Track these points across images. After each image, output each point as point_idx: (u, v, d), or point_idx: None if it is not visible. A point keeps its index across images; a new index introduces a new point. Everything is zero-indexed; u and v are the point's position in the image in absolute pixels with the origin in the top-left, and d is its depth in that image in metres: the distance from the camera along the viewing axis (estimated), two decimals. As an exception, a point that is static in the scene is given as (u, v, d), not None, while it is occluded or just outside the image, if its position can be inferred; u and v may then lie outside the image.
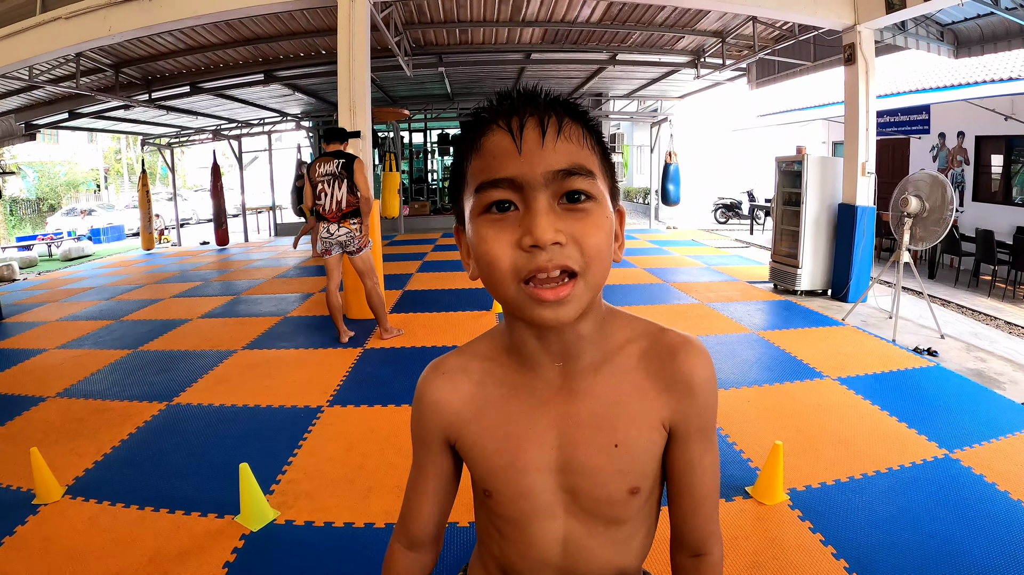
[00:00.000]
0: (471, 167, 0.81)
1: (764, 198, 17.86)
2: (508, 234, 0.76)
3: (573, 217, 0.76)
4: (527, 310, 0.78)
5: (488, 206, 0.78)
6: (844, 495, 3.09)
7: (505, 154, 0.77)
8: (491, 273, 0.78)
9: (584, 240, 0.76)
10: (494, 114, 0.80)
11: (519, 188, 0.76)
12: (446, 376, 0.95)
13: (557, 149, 0.76)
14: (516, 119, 0.78)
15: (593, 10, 9.25)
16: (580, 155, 0.78)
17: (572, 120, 0.80)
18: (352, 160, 5.68)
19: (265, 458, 3.55)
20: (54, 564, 2.70)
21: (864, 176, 7.61)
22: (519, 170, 0.75)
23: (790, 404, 4.32)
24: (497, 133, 0.78)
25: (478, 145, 0.80)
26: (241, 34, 9.70)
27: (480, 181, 0.78)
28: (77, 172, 31.82)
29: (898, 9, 6.77)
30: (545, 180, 0.75)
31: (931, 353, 5.59)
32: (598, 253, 0.77)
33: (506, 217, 0.77)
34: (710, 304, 7.38)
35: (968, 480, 3.26)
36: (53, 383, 5.28)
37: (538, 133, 0.76)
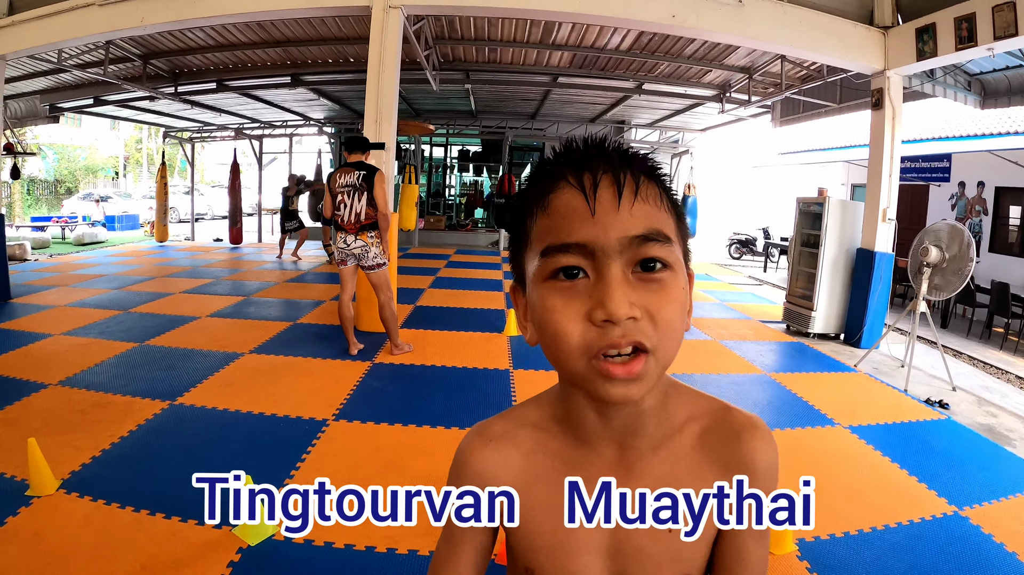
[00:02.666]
0: (536, 226, 0.74)
1: (779, 236, 17.84)
2: (578, 304, 0.69)
3: (647, 288, 0.70)
4: (594, 386, 0.70)
5: (555, 272, 0.71)
6: (853, 548, 3.02)
7: (576, 215, 0.70)
8: (558, 347, 0.71)
9: (658, 314, 0.69)
10: (563, 167, 0.74)
11: (591, 255, 0.69)
12: (493, 444, 0.87)
13: (634, 212, 0.70)
14: (589, 176, 0.71)
15: (623, 38, 9.26)
16: (658, 219, 0.72)
17: (648, 179, 0.74)
18: (374, 173, 5.66)
19: (266, 469, 3.49)
20: (43, 561, 2.65)
21: (884, 222, 7.56)
22: (592, 235, 0.69)
23: (801, 451, 4.25)
24: (567, 191, 0.72)
25: (545, 202, 0.73)
26: (271, 35, 9.76)
27: (548, 244, 0.71)
28: (97, 158, 32.02)
29: (929, 57, 6.76)
30: (620, 247, 0.69)
31: (943, 405, 5.53)
32: (672, 328, 0.71)
33: (575, 285, 0.70)
34: (722, 342, 7.32)
35: (977, 539, 3.20)
36: (56, 370, 5.25)
37: (613, 193, 0.70)
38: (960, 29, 6.34)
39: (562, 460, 0.83)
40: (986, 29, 6.05)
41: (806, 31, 7.06)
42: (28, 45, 8.10)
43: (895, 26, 7.22)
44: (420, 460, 3.81)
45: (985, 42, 6.10)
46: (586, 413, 0.80)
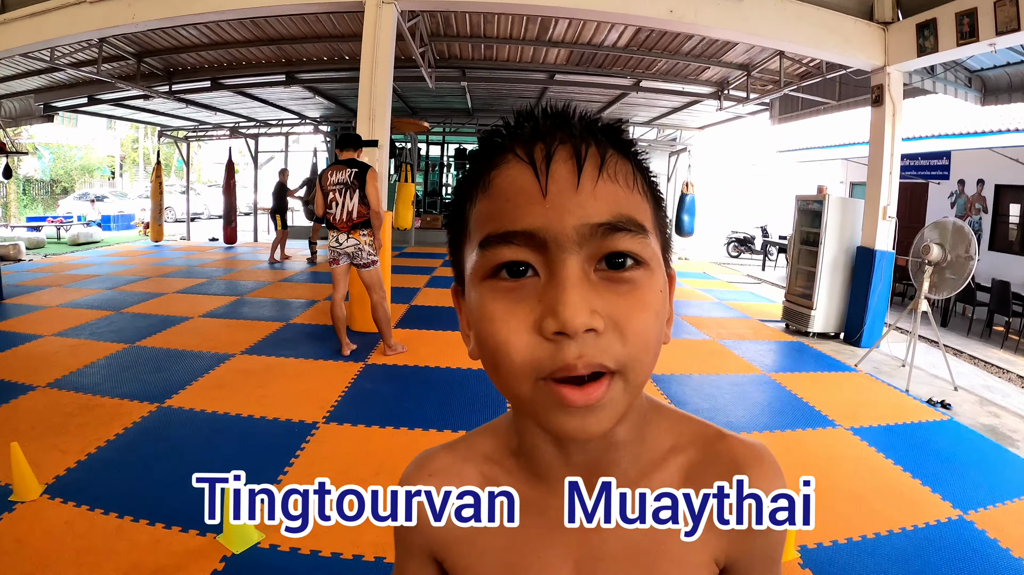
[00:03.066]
0: (476, 211, 0.58)
1: (778, 235, 17.78)
2: (524, 311, 0.54)
3: (615, 291, 0.54)
4: (545, 416, 0.55)
5: (496, 269, 0.55)
6: (856, 555, 2.95)
7: (523, 197, 0.54)
8: (499, 365, 0.55)
9: (628, 325, 0.53)
10: (511, 138, 0.58)
11: (541, 246, 0.53)
12: (434, 479, 0.71)
13: (598, 194, 0.54)
14: (542, 147, 0.55)
15: (620, 35, 9.18)
16: (629, 203, 0.56)
17: (618, 153, 0.57)
18: (365, 170, 5.57)
19: (254, 474, 3.37)
20: (24, 568, 2.59)
21: (885, 220, 7.49)
22: (543, 221, 0.53)
23: (802, 454, 4.18)
24: (514, 166, 0.56)
25: (486, 181, 0.57)
26: (265, 33, 9.67)
27: (487, 233, 0.56)
28: (93, 157, 31.96)
29: (930, 53, 6.71)
30: (579, 237, 0.53)
31: (945, 406, 5.46)
32: (645, 342, 0.54)
33: (521, 286, 0.54)
34: (721, 341, 7.25)
35: (981, 544, 3.14)
36: (45, 372, 5.18)
37: (571, 168, 0.54)
38: (961, 24, 6.28)
39: (516, 486, 0.68)
40: (988, 24, 6.00)
41: (806, 26, 7.00)
42: (20, 43, 8.05)
43: (895, 21, 7.16)
44: (412, 464, 3.71)
45: (987, 37, 6.04)
46: (541, 446, 0.65)
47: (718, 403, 5.11)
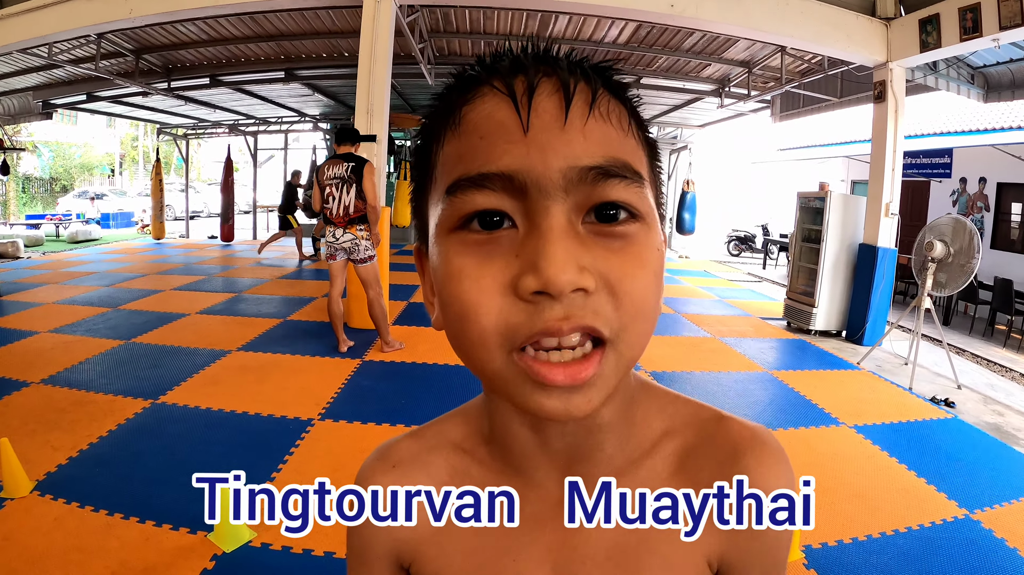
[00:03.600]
0: (444, 153, 0.50)
1: (779, 233, 17.73)
2: (498, 267, 0.45)
3: (607, 247, 0.46)
4: (521, 394, 0.46)
5: (466, 219, 0.47)
6: (861, 555, 2.89)
7: (501, 132, 0.46)
8: (465, 331, 0.47)
9: (622, 285, 0.45)
10: (488, 70, 0.49)
11: (520, 192, 0.45)
12: (397, 470, 0.63)
13: (588, 132, 0.46)
14: (523, 79, 0.47)
15: (621, 31, 9.13)
16: (623, 146, 0.48)
17: (611, 93, 0.49)
18: (363, 164, 5.52)
19: (248, 471, 3.32)
20: (12, 566, 2.55)
21: (887, 217, 7.44)
22: (523, 161, 0.44)
23: (805, 452, 4.12)
24: (490, 99, 0.47)
25: (457, 118, 0.49)
26: (264, 29, 9.62)
27: (456, 176, 0.47)
28: (92, 155, 31.93)
29: (932, 48, 6.65)
30: (566, 182, 0.45)
31: (948, 404, 5.41)
32: (643, 308, 0.47)
33: (495, 239, 0.46)
34: (722, 339, 7.20)
35: (989, 544, 3.09)
36: (39, 368, 5.15)
37: (558, 103, 0.46)
38: (964, 19, 6.24)
39: (488, 478, 0.60)
40: (991, 19, 5.95)
41: (808, 22, 6.94)
42: (17, 39, 8.05)
43: (898, 17, 7.12)
44: (408, 461, 3.67)
45: (991, 32, 6.00)
46: (516, 430, 0.57)
47: (720, 401, 5.04)
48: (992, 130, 10.73)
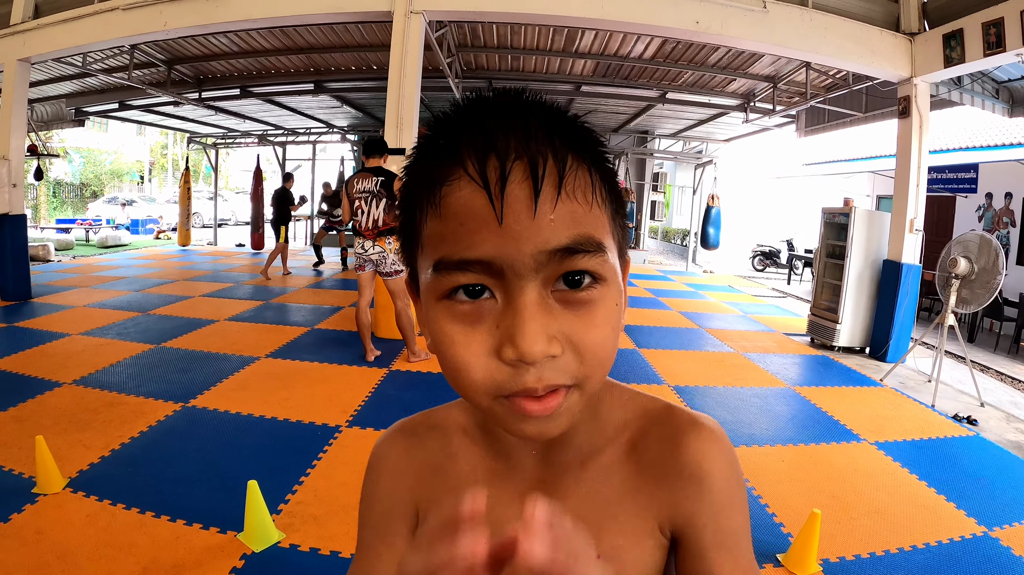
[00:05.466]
0: (427, 228, 0.56)
1: (804, 248, 17.65)
2: (482, 334, 0.55)
3: (572, 312, 0.55)
4: (506, 423, 0.57)
5: (452, 291, 0.55)
6: (879, 570, 2.90)
7: (478, 222, 0.52)
8: (459, 383, 0.57)
9: (584, 344, 0.55)
10: (461, 141, 0.54)
11: (498, 273, 0.53)
12: (416, 437, 0.76)
13: (556, 216, 0.52)
14: (495, 162, 0.52)
15: (647, 46, 9.19)
16: (587, 220, 0.55)
17: (578, 158, 0.55)
18: (392, 179, 5.63)
19: (275, 475, 3.43)
20: (44, 559, 2.62)
21: (912, 233, 7.41)
22: (499, 249, 0.52)
23: (826, 467, 4.12)
24: (465, 186, 0.53)
25: (436, 198, 0.55)
26: (295, 42, 9.79)
27: (441, 256, 0.54)
28: (123, 162, 32.46)
29: (956, 63, 6.65)
30: (536, 264, 0.52)
31: (971, 422, 5.38)
32: (602, 359, 0.56)
33: (478, 307, 0.55)
34: (745, 354, 7.19)
35: (1007, 561, 3.08)
36: (71, 369, 5.27)
37: (528, 191, 0.52)
38: (988, 34, 6.23)
39: (483, 470, 0.71)
40: (1015, 34, 5.95)
41: (832, 38, 6.96)
42: (52, 48, 8.22)
43: (922, 32, 7.11)
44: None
45: (1014, 47, 6.00)
46: (503, 432, 0.69)
47: (741, 415, 5.06)
48: (1018, 145, 10.64)
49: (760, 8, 6.60)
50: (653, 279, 14.16)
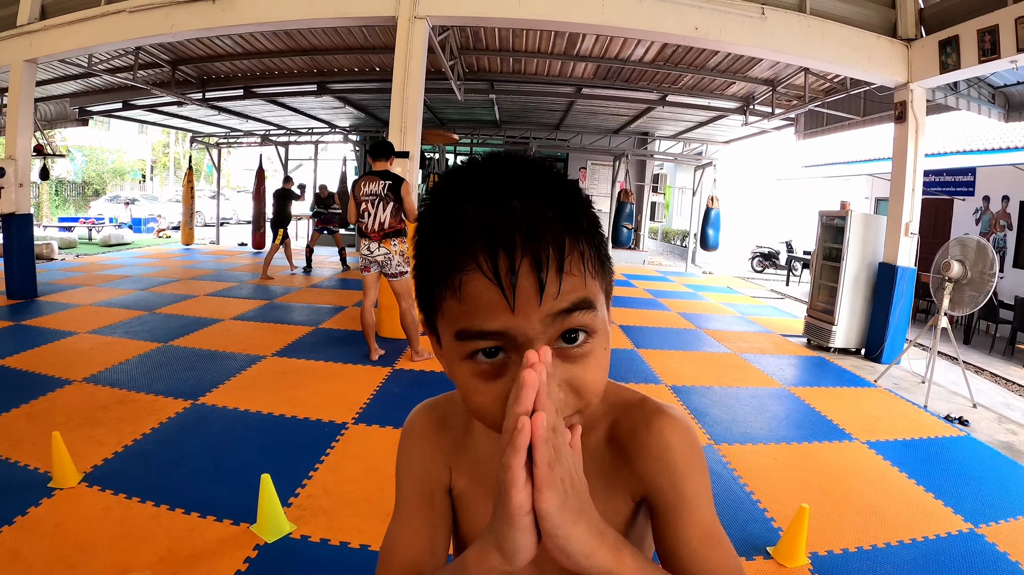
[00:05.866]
0: (447, 304, 0.67)
1: (802, 250, 17.74)
2: (500, 387, 0.66)
3: (572, 362, 0.67)
4: None
5: (472, 353, 0.66)
6: (866, 564, 3.00)
7: (492, 306, 0.63)
8: (482, 419, 0.70)
9: (583, 385, 0.67)
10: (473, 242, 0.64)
11: (511, 339, 0.64)
12: (443, 414, 0.91)
13: (560, 293, 0.64)
14: (505, 260, 0.62)
15: (647, 50, 9.30)
16: (584, 287, 0.66)
17: (574, 239, 0.66)
18: (399, 183, 5.74)
19: (286, 470, 3.53)
20: (63, 551, 2.71)
21: (907, 236, 7.52)
22: (512, 324, 0.63)
23: (817, 464, 4.23)
24: (480, 278, 0.63)
25: (454, 284, 0.65)
26: (298, 44, 9.91)
27: (462, 327, 0.66)
28: (124, 160, 32.53)
29: (952, 69, 6.75)
30: (543, 327, 0.64)
31: (962, 422, 5.48)
32: (596, 393, 0.69)
33: (495, 364, 0.66)
34: (742, 355, 7.30)
35: (991, 557, 3.18)
36: (80, 367, 5.36)
37: (534, 282, 0.62)
38: (983, 41, 6.33)
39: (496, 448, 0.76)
40: (1009, 41, 6.05)
41: (829, 44, 7.07)
42: (59, 50, 8.32)
43: (918, 38, 7.22)
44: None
45: (1008, 54, 6.09)
46: None
47: (736, 415, 5.17)
48: (1014, 149, 10.75)
49: (759, 15, 6.71)
50: (652, 280, 14.26)
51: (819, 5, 7.05)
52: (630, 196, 16.28)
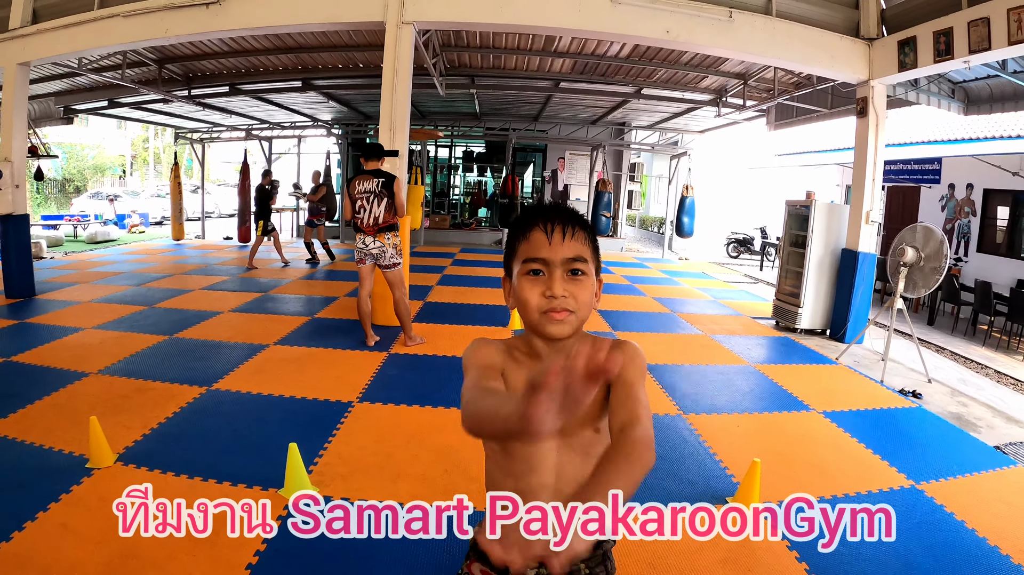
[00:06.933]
0: (520, 247, 1.31)
1: (776, 236, 18.18)
2: (539, 287, 1.27)
3: (573, 282, 1.27)
4: (544, 327, 1.27)
5: (529, 271, 1.28)
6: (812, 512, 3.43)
7: (541, 244, 1.27)
8: (526, 306, 1.28)
9: (578, 296, 1.27)
10: (537, 219, 1.30)
11: (546, 264, 1.26)
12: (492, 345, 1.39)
13: (569, 245, 1.27)
14: (549, 224, 1.28)
15: (622, 47, 9.68)
16: (581, 249, 1.29)
17: (579, 228, 1.31)
18: (392, 180, 6.14)
19: (303, 443, 3.83)
20: (111, 521, 2.95)
21: (868, 224, 7.97)
22: (548, 254, 1.26)
23: (775, 431, 4.70)
24: (538, 230, 1.29)
25: (526, 235, 1.30)
26: (284, 43, 10.16)
27: (526, 257, 1.29)
28: (105, 156, 32.42)
29: (910, 68, 7.15)
30: (561, 262, 1.26)
31: (916, 395, 5.93)
32: (585, 303, 1.29)
33: (538, 278, 1.27)
34: (713, 336, 7.74)
35: (927, 508, 3.62)
36: (94, 360, 5.65)
37: (560, 234, 1.27)
38: (939, 43, 6.70)
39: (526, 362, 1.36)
40: (962, 43, 6.43)
41: (795, 44, 7.48)
42: (52, 53, 8.50)
43: (880, 38, 7.62)
44: (438, 435, 4.27)
45: (961, 55, 6.47)
46: (538, 343, 1.34)
47: (704, 389, 5.62)
48: (975, 139, 11.20)
49: (726, 18, 7.10)
50: (630, 266, 14.69)
51: (785, 7, 7.42)
52: (608, 186, 16.68)
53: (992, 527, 3.44)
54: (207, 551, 2.81)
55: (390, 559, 2.85)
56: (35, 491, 3.31)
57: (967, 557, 3.13)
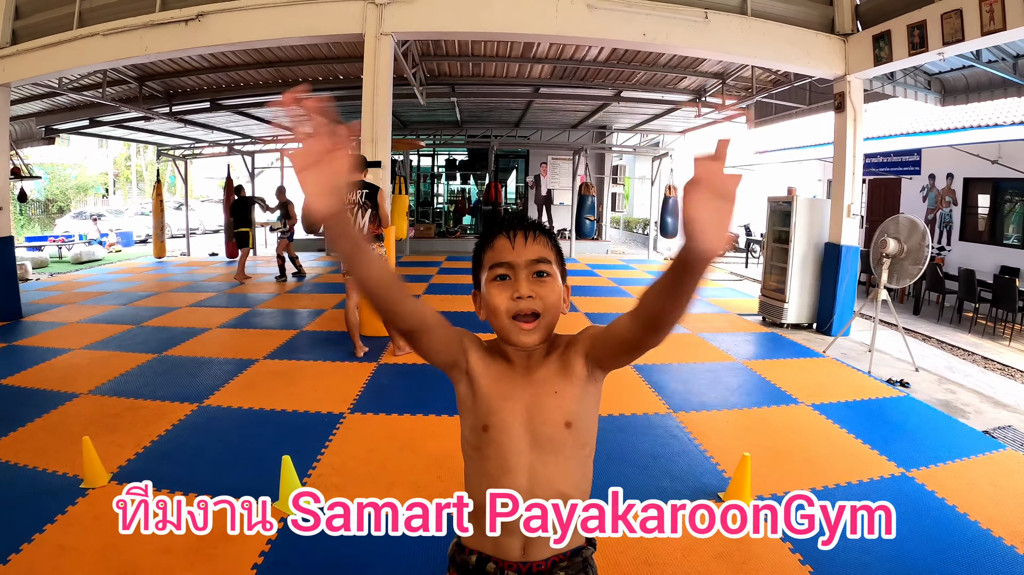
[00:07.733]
0: (486, 255, 1.36)
1: (760, 233, 18.29)
2: (507, 292, 1.30)
3: (539, 283, 1.30)
4: (513, 335, 1.30)
5: (495, 276, 1.32)
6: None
7: (505, 249, 1.32)
8: (496, 311, 1.30)
9: (544, 297, 1.30)
10: (500, 228, 1.37)
11: (512, 268, 1.30)
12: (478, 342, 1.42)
13: (532, 247, 1.32)
14: (512, 231, 1.33)
15: (601, 51, 9.72)
16: (544, 252, 1.33)
17: (540, 233, 1.36)
18: (375, 191, 6.15)
19: (296, 455, 3.84)
20: (108, 539, 3.03)
21: (849, 217, 8.06)
22: (513, 258, 1.31)
23: (765, 425, 4.76)
24: (501, 238, 1.34)
25: (491, 244, 1.35)
26: (264, 56, 10.18)
27: (492, 263, 1.33)
28: (87, 175, 32.25)
29: (885, 62, 7.27)
30: (526, 264, 1.30)
31: (903, 384, 6.01)
32: (552, 305, 1.31)
33: (505, 282, 1.31)
34: (700, 334, 7.81)
35: (918, 494, 3.68)
36: (83, 381, 5.63)
37: (523, 238, 1.33)
38: (913, 35, 6.81)
39: (503, 364, 1.39)
40: (936, 35, 6.54)
41: (771, 42, 7.57)
42: (33, 74, 8.47)
43: (855, 33, 7.72)
44: (430, 442, 4.30)
45: (935, 47, 6.58)
46: (510, 349, 1.37)
47: (692, 387, 5.68)
48: (953, 130, 11.35)
49: (702, 19, 7.17)
50: (615, 268, 14.78)
51: (760, 6, 7.51)
52: (591, 189, 16.74)
53: (983, 511, 3.49)
54: (205, 564, 2.83)
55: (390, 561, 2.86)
56: (31, 513, 3.31)
57: (960, 541, 3.18)
